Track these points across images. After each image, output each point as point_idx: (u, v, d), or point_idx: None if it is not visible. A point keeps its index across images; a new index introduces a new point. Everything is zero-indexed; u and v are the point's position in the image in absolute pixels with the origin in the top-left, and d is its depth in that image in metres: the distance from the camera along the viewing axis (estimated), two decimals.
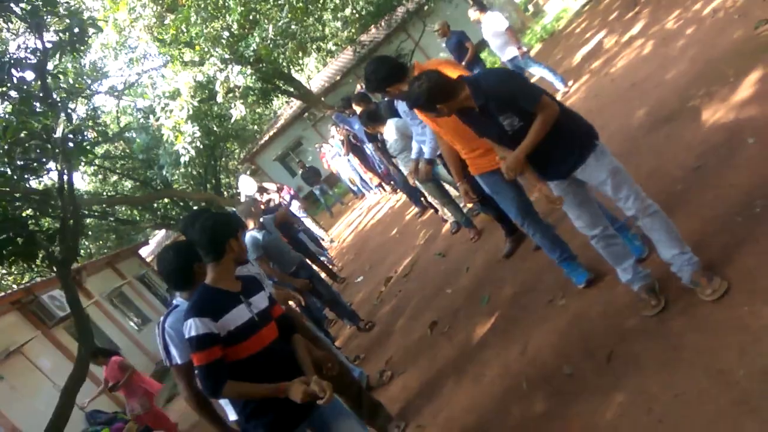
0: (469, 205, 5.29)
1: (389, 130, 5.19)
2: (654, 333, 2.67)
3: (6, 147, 7.84)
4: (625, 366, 2.64)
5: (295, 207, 9.83)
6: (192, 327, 2.19)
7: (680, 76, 5.11)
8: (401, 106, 4.33)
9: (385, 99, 5.13)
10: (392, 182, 9.72)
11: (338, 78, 21.48)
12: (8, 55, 8.04)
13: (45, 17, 8.27)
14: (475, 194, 3.94)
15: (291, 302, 3.94)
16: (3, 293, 12.75)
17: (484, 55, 12.62)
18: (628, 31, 7.49)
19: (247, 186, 8.49)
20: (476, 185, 3.79)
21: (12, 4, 7.62)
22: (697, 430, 2.11)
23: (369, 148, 8.20)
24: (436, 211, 6.09)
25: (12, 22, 8.20)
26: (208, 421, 2.63)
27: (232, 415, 2.70)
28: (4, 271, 15.61)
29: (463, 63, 7.72)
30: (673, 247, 2.65)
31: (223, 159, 23.28)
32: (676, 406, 2.25)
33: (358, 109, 5.92)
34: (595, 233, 2.81)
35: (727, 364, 2.23)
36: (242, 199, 9.71)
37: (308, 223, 10.33)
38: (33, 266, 8.95)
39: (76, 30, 8.32)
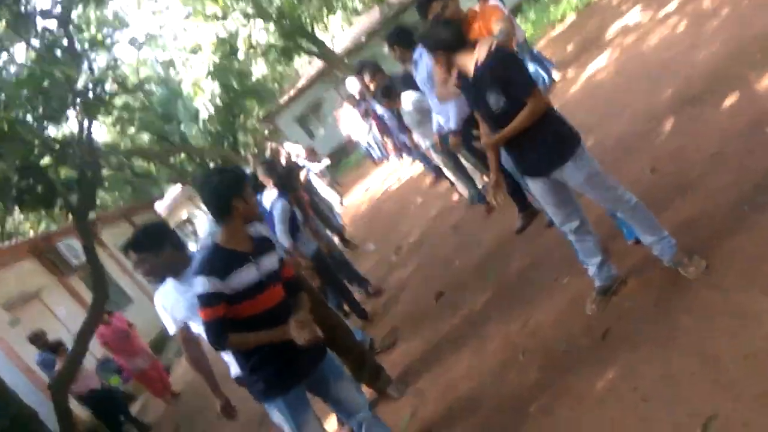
0: (485, 180, 5.25)
1: (405, 104, 5.13)
2: (651, 315, 2.71)
3: (29, 95, 7.94)
4: (619, 344, 2.70)
5: (312, 169, 9.84)
6: (200, 284, 2.26)
7: (710, 58, 4.97)
8: (419, 74, 4.27)
9: (401, 72, 5.05)
10: (408, 154, 9.66)
11: (363, 39, 21.01)
12: (33, 5, 8.04)
13: None
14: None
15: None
16: (22, 239, 13.07)
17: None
18: (663, 7, 7.25)
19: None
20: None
21: None
22: (677, 410, 2.15)
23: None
24: (452, 183, 6.06)
25: None
26: (203, 378, 2.87)
27: (233, 369, 2.80)
28: (21, 217, 15.96)
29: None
30: (653, 233, 2.77)
31: (242, 117, 23.21)
32: (661, 386, 2.31)
33: (371, 84, 5.74)
34: (567, 229, 2.91)
35: (717, 348, 2.27)
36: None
37: (323, 186, 10.36)
38: (50, 214, 9.14)
39: None
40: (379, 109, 7.33)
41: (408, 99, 5.05)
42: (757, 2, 5.30)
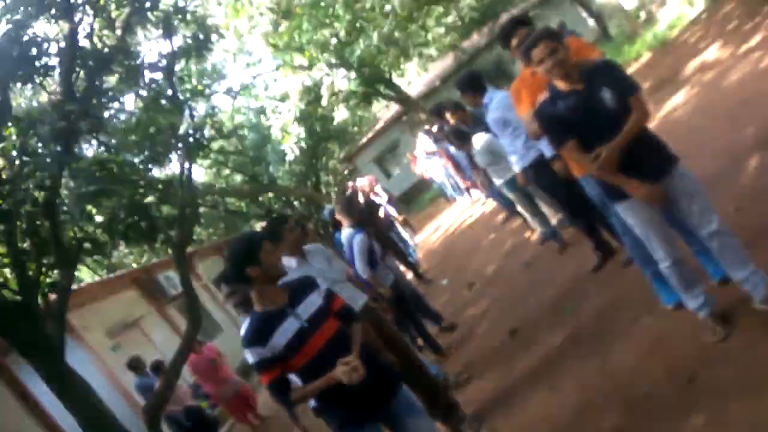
0: (556, 219, 5.28)
1: (477, 145, 5.29)
2: (740, 360, 2.60)
3: (137, 140, 8.82)
4: (705, 390, 2.59)
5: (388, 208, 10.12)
6: (249, 356, 2.38)
7: None
8: (491, 117, 4.43)
9: (474, 110, 5.19)
10: (479, 191, 9.75)
11: (437, 84, 21.60)
12: (142, 58, 8.97)
13: (175, 24, 9.17)
14: (571, 203, 3.90)
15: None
16: (125, 270, 14.21)
17: None
18: (745, 42, 7.03)
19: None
20: (573, 193, 3.72)
21: (148, 13, 8.53)
22: None
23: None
24: (525, 220, 6.09)
25: (147, 29, 9.15)
26: (284, 409, 2.92)
27: (312, 401, 2.95)
28: (126, 251, 17.33)
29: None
30: (744, 266, 2.65)
31: (324, 158, 24.22)
32: None
33: (451, 119, 5.97)
34: (669, 261, 2.79)
35: None
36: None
37: (397, 224, 10.60)
38: (152, 248, 9.92)
39: (202, 36, 9.14)
40: (452, 149, 7.53)
41: (479, 141, 5.21)
42: None
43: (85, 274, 14.03)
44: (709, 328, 2.84)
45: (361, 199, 8.75)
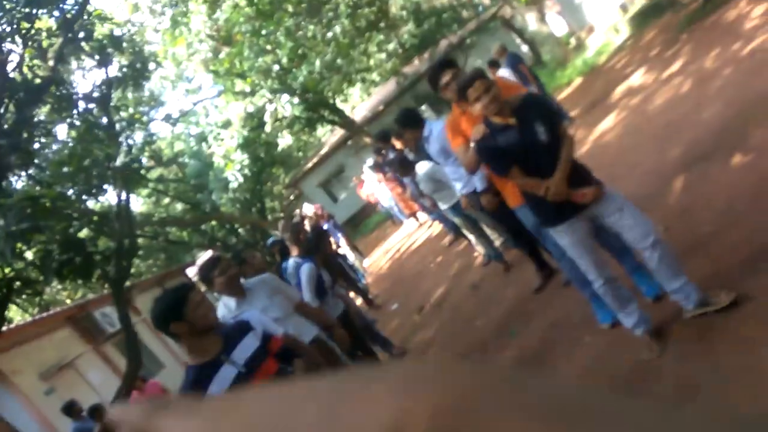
0: (499, 241, 5.44)
1: (420, 174, 5.40)
2: (674, 373, 2.73)
3: (70, 171, 8.48)
4: None
5: (334, 233, 10.11)
6: None
7: (715, 117, 5.15)
8: (432, 148, 4.54)
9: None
10: (427, 214, 9.90)
11: (380, 108, 21.96)
12: (75, 88, 8.70)
13: (110, 53, 8.95)
14: (512, 227, 4.03)
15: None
16: (58, 309, 13.48)
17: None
18: (667, 68, 7.55)
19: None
20: (511, 218, 3.84)
21: (82, 43, 8.29)
22: None
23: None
24: (470, 242, 6.24)
25: (81, 59, 8.89)
26: None
27: None
28: (59, 287, 16.47)
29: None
30: (678, 277, 2.81)
31: (269, 184, 24.01)
32: None
33: (397, 144, 6.13)
34: (602, 280, 2.92)
35: (739, 404, 2.28)
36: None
37: (345, 249, 10.59)
38: (87, 284, 9.49)
39: (138, 65, 8.95)
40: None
41: (422, 169, 5.32)
42: (758, 63, 5.52)
43: (14, 314, 13.23)
44: (645, 344, 2.97)
45: (308, 226, 8.70)
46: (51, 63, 7.50)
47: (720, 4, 8.72)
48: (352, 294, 7.69)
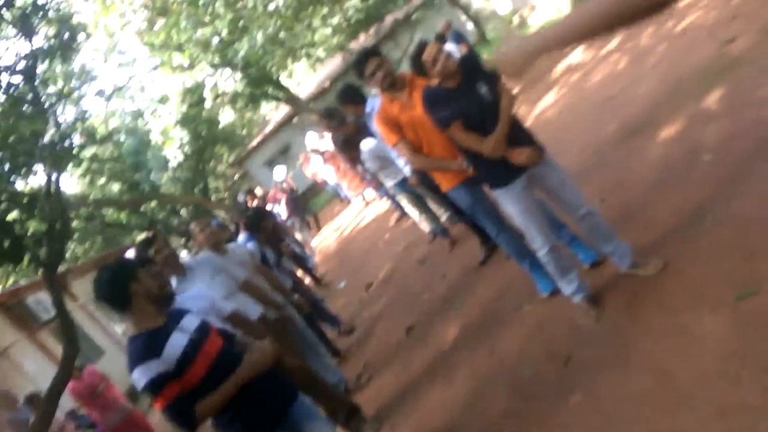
0: (444, 216, 5.50)
1: (364, 152, 5.36)
2: (608, 338, 2.86)
3: None
4: (581, 369, 2.82)
5: (282, 212, 9.97)
6: (141, 375, 2.16)
7: (650, 92, 5.34)
8: (374, 125, 4.49)
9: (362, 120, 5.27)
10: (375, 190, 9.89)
11: (327, 84, 21.62)
12: None
13: (35, 23, 8.37)
14: (450, 203, 4.08)
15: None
16: None
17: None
18: (604, 46, 7.75)
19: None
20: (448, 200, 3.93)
21: (2, 11, 7.71)
22: (640, 428, 2.28)
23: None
24: (416, 219, 6.27)
25: (1, 29, 8.27)
26: None
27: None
28: None
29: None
30: (612, 239, 3.00)
31: (212, 163, 23.33)
32: (622, 407, 2.42)
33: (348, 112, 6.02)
34: (547, 248, 3.02)
35: (670, 366, 2.41)
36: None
37: (296, 228, 10.47)
38: (18, 269, 9.01)
39: (66, 35, 8.42)
40: None
41: (366, 147, 5.28)
42: (690, 40, 5.75)
43: None
44: (583, 311, 3.09)
45: (251, 203, 8.55)
46: None
47: None
48: (300, 272, 7.64)
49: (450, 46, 7.19)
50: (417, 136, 3.43)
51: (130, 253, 3.80)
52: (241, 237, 4.99)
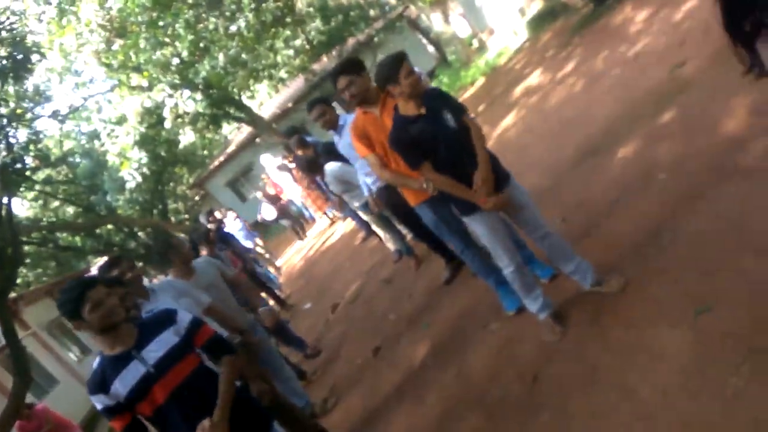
0: (410, 236, 5.51)
1: (329, 174, 5.36)
2: (573, 355, 2.88)
3: None
4: (548, 387, 2.84)
5: (242, 237, 9.82)
6: (95, 402, 2.23)
7: (606, 114, 5.53)
8: (342, 142, 4.52)
9: (322, 143, 5.35)
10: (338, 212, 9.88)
11: (289, 105, 21.61)
12: None
13: None
14: (411, 224, 4.09)
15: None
16: None
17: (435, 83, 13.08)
18: (562, 69, 8.01)
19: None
20: (411, 215, 3.88)
21: None
22: None
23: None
24: (380, 239, 6.28)
25: None
26: None
27: None
28: None
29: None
30: (573, 258, 3.06)
31: (171, 184, 22.86)
32: (590, 423, 2.44)
33: (299, 152, 6.17)
34: (513, 267, 3.06)
35: (633, 382, 2.45)
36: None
37: (258, 251, 10.32)
38: None
39: (20, 56, 8.18)
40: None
41: (330, 169, 5.27)
42: (642, 64, 6.00)
43: None
44: (549, 327, 3.13)
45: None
46: None
47: (609, 9, 9.38)
48: (263, 295, 7.51)
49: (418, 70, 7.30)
50: (385, 152, 3.46)
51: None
52: (204, 258, 4.90)
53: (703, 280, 2.67)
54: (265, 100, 24.87)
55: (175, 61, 13.09)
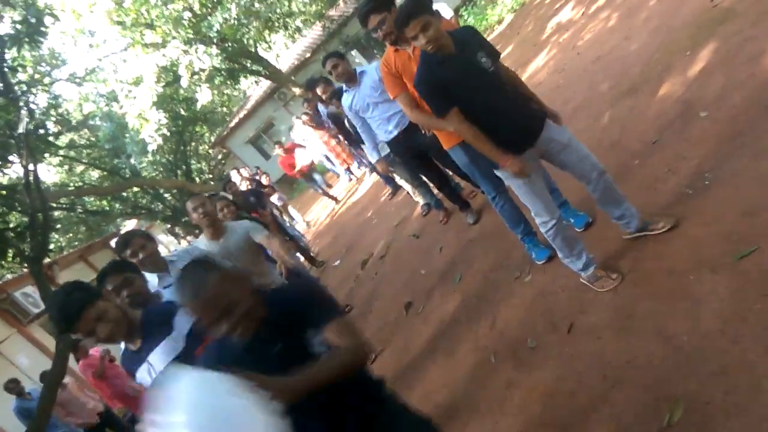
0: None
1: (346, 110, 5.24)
2: (610, 303, 2.81)
3: None
4: (583, 336, 2.78)
5: (274, 197, 9.81)
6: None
7: (642, 49, 5.22)
8: (362, 87, 4.39)
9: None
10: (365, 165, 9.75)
11: (308, 55, 21.02)
12: None
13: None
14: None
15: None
16: None
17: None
18: (595, 2, 7.56)
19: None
20: (450, 161, 3.74)
21: None
22: (644, 396, 2.24)
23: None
24: (409, 193, 6.17)
25: None
26: None
27: None
28: None
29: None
30: (623, 202, 2.90)
31: (193, 144, 22.86)
32: (627, 372, 2.39)
33: (324, 96, 6.06)
34: (554, 221, 2.87)
35: (674, 329, 2.37)
36: None
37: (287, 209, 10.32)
38: (3, 263, 8.81)
39: (33, 20, 8.06)
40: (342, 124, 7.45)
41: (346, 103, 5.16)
42: None
43: None
44: (601, 278, 2.95)
45: (243, 187, 8.38)
46: None
47: None
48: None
49: (440, 5, 6.94)
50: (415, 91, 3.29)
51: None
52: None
53: (744, 222, 2.56)
54: (282, 51, 24.33)
55: (187, 15, 12.78)
